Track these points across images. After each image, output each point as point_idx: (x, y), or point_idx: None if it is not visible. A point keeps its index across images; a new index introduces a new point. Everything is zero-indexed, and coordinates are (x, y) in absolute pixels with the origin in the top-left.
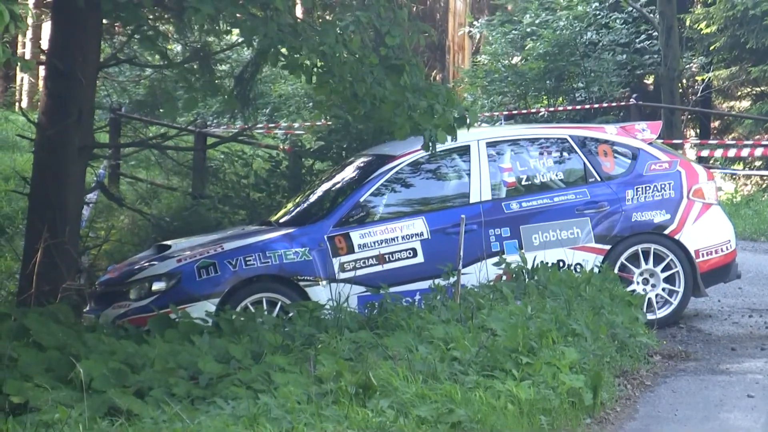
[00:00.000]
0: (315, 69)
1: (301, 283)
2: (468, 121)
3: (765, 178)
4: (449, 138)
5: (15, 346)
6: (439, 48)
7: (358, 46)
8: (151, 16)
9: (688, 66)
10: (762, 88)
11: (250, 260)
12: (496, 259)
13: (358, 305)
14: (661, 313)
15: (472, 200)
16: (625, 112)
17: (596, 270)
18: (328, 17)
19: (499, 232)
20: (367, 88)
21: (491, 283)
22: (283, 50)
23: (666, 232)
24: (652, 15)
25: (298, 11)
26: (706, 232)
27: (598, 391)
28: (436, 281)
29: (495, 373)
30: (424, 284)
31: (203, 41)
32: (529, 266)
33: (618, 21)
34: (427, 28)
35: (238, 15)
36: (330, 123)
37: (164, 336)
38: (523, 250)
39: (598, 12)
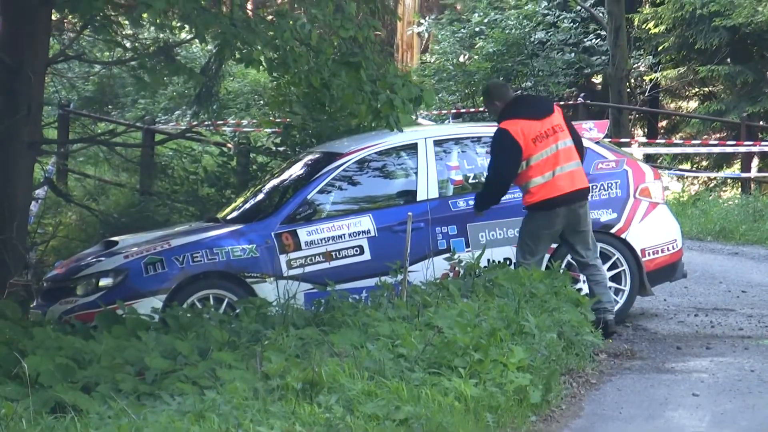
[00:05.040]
0: (271, 62)
1: (248, 280)
2: (424, 102)
3: (712, 178)
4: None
5: None
6: (388, 46)
7: (316, 41)
8: (102, 14)
9: (636, 66)
10: (709, 89)
11: (197, 257)
12: (442, 257)
13: (305, 302)
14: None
15: (419, 198)
16: (573, 111)
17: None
18: (278, 12)
19: (446, 230)
20: (324, 80)
21: (438, 281)
22: (238, 44)
23: (612, 231)
24: (600, 14)
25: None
26: (653, 232)
27: (550, 389)
28: (383, 278)
29: (441, 370)
30: (371, 281)
31: (161, 38)
32: (481, 264)
33: (567, 20)
34: (377, 24)
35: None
36: (280, 120)
37: (111, 332)
38: (470, 248)
39: (547, 11)
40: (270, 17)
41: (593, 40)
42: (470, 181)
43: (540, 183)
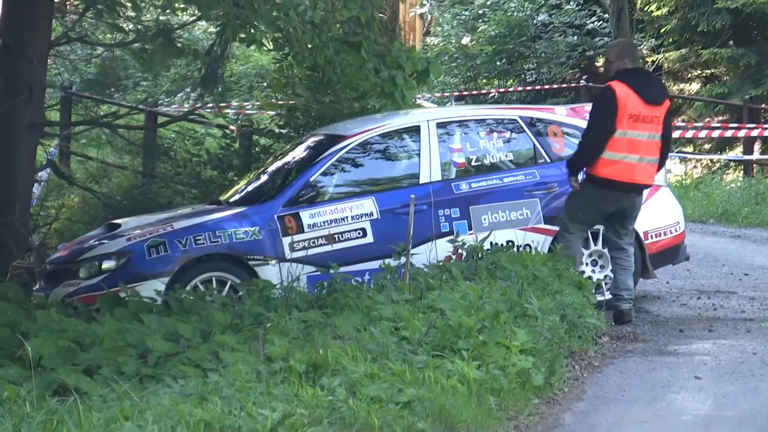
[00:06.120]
0: (276, 40)
1: (251, 263)
2: (432, 73)
3: (715, 161)
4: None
5: None
6: (390, 29)
7: (319, 19)
8: None
9: (638, 48)
10: (712, 71)
11: (199, 239)
12: (445, 240)
13: (308, 285)
14: (610, 295)
15: (421, 181)
16: (576, 94)
17: (544, 250)
18: None
19: (448, 213)
20: (328, 57)
21: (441, 264)
22: (241, 25)
23: None
24: None
25: None
26: (655, 214)
27: (553, 372)
28: (386, 261)
29: (444, 353)
30: (374, 264)
31: (161, 20)
32: (484, 247)
33: (569, 2)
34: (380, 2)
35: None
36: (283, 102)
37: (114, 314)
38: (473, 231)
39: None
40: None
41: (596, 23)
42: (473, 163)
43: (609, 158)
